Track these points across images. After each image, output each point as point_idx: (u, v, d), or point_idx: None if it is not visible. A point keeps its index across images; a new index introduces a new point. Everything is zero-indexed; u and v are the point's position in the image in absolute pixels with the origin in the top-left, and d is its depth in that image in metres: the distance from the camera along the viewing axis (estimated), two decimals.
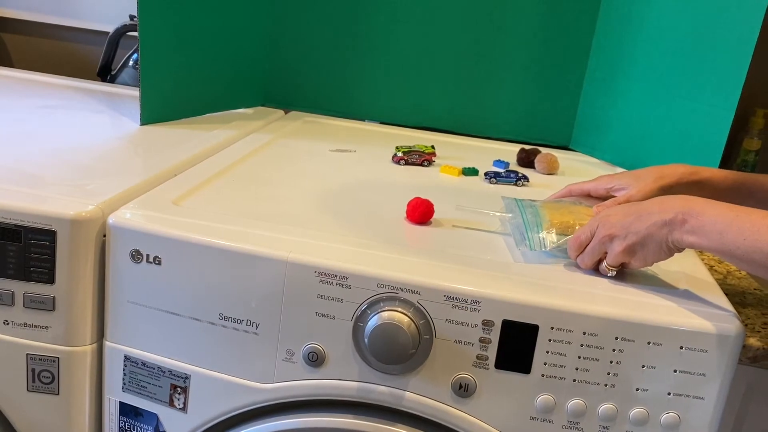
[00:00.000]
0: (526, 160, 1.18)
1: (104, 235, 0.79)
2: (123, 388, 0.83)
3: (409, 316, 0.71)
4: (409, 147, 1.13)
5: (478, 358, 0.72)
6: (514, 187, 1.06)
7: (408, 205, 0.86)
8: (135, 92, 1.27)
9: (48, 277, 0.78)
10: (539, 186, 1.08)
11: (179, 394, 0.80)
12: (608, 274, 0.76)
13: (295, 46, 1.35)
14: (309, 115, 1.38)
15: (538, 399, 0.72)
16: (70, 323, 0.80)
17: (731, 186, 0.85)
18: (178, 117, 1.22)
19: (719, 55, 1.06)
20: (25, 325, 0.80)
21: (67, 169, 0.90)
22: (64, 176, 0.87)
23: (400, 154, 1.11)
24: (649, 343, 0.70)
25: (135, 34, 1.22)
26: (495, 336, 0.71)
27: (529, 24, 1.28)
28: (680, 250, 0.71)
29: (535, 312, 0.70)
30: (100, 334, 0.82)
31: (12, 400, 0.83)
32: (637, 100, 1.19)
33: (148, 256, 0.77)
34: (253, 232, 0.78)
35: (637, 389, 0.71)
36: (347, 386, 0.75)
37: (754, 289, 0.90)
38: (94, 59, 1.57)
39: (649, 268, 0.79)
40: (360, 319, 0.73)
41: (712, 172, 0.85)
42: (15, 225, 0.77)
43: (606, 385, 0.71)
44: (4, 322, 0.80)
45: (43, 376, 0.82)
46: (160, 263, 0.77)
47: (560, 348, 0.71)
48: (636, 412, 0.71)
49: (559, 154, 1.23)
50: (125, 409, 0.83)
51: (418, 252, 0.77)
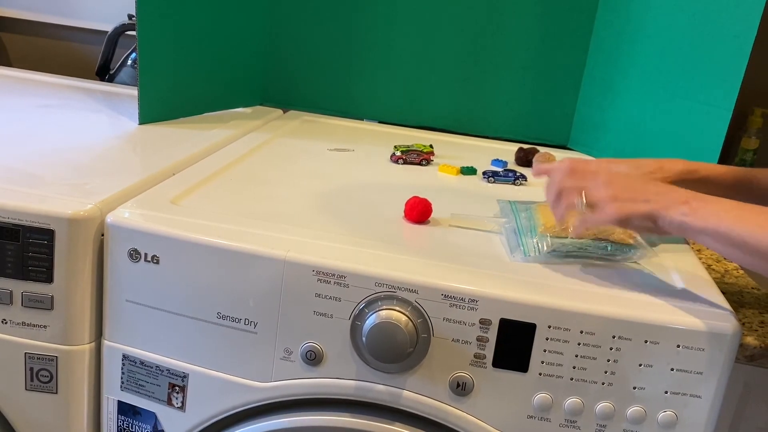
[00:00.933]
0: (525, 159, 1.18)
1: (102, 234, 0.79)
2: (121, 387, 0.83)
3: (406, 315, 0.71)
4: (408, 146, 1.13)
5: (475, 356, 0.72)
6: (512, 186, 1.06)
7: (406, 205, 0.87)
8: (133, 91, 1.27)
9: (46, 276, 0.78)
10: (537, 185, 1.08)
11: (177, 393, 0.80)
12: (580, 207, 0.74)
13: (294, 46, 1.35)
14: (307, 114, 1.38)
15: (536, 398, 0.72)
16: (69, 322, 0.80)
17: (731, 184, 0.85)
18: (177, 116, 1.22)
19: (717, 55, 1.06)
20: (24, 324, 0.80)
21: (66, 169, 0.90)
22: (62, 175, 0.88)
23: (398, 154, 1.11)
24: (646, 342, 0.70)
25: (133, 33, 1.22)
26: (492, 335, 0.71)
27: (528, 23, 1.28)
28: (666, 231, 0.71)
29: (533, 311, 0.70)
30: (99, 333, 0.82)
31: (10, 399, 0.83)
32: (635, 100, 1.20)
33: (146, 255, 0.77)
34: (251, 231, 0.78)
35: (635, 388, 0.71)
36: (345, 385, 0.75)
37: (752, 288, 0.90)
38: (93, 58, 1.57)
39: (645, 266, 0.80)
40: (358, 318, 0.73)
41: (711, 169, 0.86)
42: (13, 224, 0.77)
43: (603, 384, 0.71)
44: (3, 321, 0.80)
45: (42, 375, 0.82)
46: (158, 262, 0.77)
47: (557, 347, 0.71)
48: (633, 410, 0.71)
49: (558, 154, 1.23)
50: (123, 408, 0.83)
51: (416, 251, 0.78)
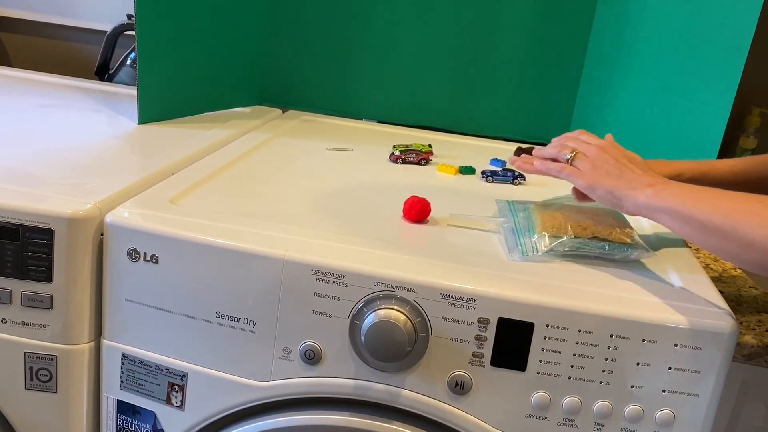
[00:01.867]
0: None
1: (102, 234, 0.79)
2: (121, 386, 0.83)
3: (405, 314, 0.72)
4: (407, 146, 1.13)
5: (474, 355, 0.72)
6: (511, 185, 1.07)
7: (405, 204, 0.87)
8: (132, 91, 1.27)
9: (45, 275, 0.79)
10: (535, 185, 1.08)
11: (177, 392, 0.81)
12: (564, 157, 0.82)
13: (293, 46, 1.36)
14: (306, 114, 1.38)
15: (534, 396, 0.72)
16: (68, 321, 0.80)
17: (742, 181, 0.86)
18: (176, 116, 1.22)
19: (715, 54, 1.06)
20: (23, 323, 0.80)
21: (65, 168, 0.90)
22: (61, 175, 0.88)
23: (397, 153, 1.12)
24: (643, 341, 0.70)
25: (132, 33, 1.22)
26: (491, 334, 0.72)
27: (526, 23, 1.28)
28: (629, 211, 0.75)
29: (531, 310, 0.71)
30: (98, 333, 0.83)
31: (10, 399, 0.84)
32: (634, 99, 1.20)
33: (145, 254, 0.78)
34: (250, 230, 0.78)
35: (632, 386, 0.71)
36: (344, 384, 0.76)
37: (750, 287, 0.91)
38: (92, 58, 1.57)
39: (643, 266, 0.80)
40: (356, 317, 0.73)
41: (720, 173, 0.86)
42: (12, 224, 0.78)
43: (601, 383, 0.72)
44: (2, 321, 0.81)
45: (41, 374, 0.82)
46: (157, 262, 0.77)
47: (555, 345, 0.71)
48: (631, 409, 0.72)
49: None
50: (123, 407, 0.84)
51: (415, 250, 0.78)
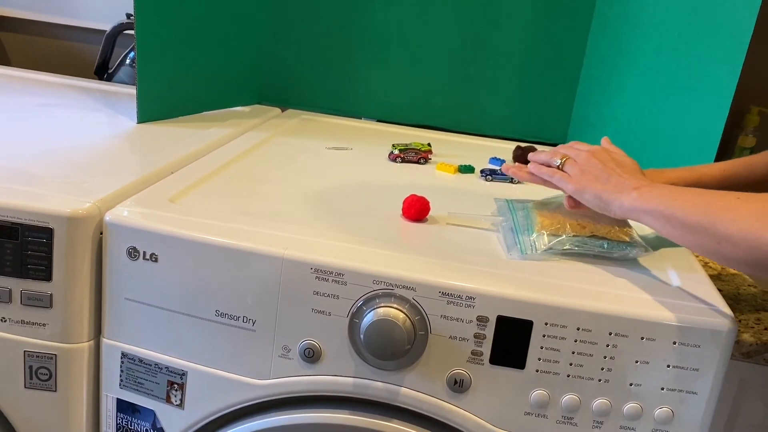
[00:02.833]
0: (522, 157, 1.18)
1: (101, 233, 0.79)
2: (120, 385, 0.83)
3: (404, 313, 0.72)
4: (406, 145, 1.13)
5: (472, 353, 0.73)
6: (510, 184, 1.07)
7: (404, 203, 0.87)
8: (132, 90, 1.27)
9: (45, 274, 0.79)
10: (534, 184, 1.08)
11: (176, 391, 0.81)
12: (555, 163, 0.83)
13: (292, 45, 1.36)
14: (305, 113, 1.38)
15: (533, 394, 0.73)
16: (68, 320, 0.80)
17: (733, 183, 0.86)
18: (175, 115, 1.22)
19: (714, 52, 1.06)
20: (23, 322, 0.81)
21: (64, 167, 0.90)
22: (61, 174, 0.88)
23: (396, 152, 1.12)
24: (642, 339, 0.70)
25: (132, 32, 1.22)
26: (490, 332, 0.72)
27: (525, 21, 1.28)
28: (615, 214, 0.75)
29: (530, 308, 0.71)
30: (98, 331, 0.83)
31: (9, 397, 0.84)
32: (632, 97, 1.20)
33: (144, 253, 0.78)
34: (249, 229, 0.78)
35: (631, 384, 0.71)
36: (343, 382, 0.76)
37: (748, 285, 0.91)
38: (91, 58, 1.57)
39: (642, 264, 0.80)
40: (356, 316, 0.73)
41: (711, 178, 0.87)
42: (12, 222, 0.78)
43: (600, 381, 0.72)
44: (2, 320, 0.81)
45: (41, 373, 0.82)
46: (156, 260, 0.78)
47: (554, 343, 0.71)
48: (630, 406, 0.72)
49: None
50: (122, 406, 0.84)
51: (414, 249, 0.78)
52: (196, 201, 0.85)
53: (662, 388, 0.71)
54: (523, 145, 1.21)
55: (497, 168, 1.10)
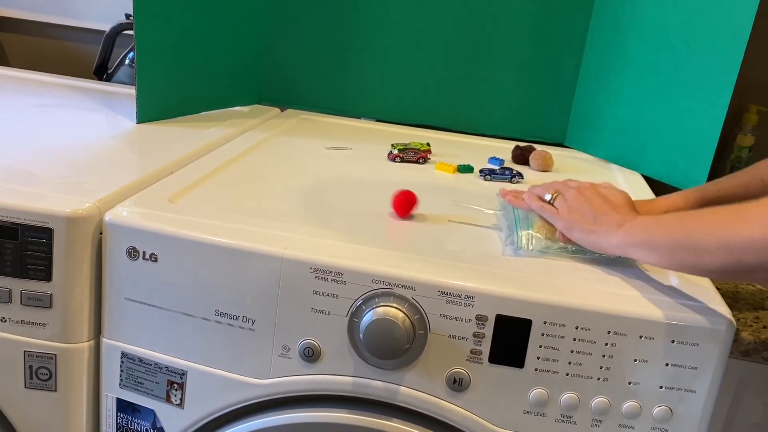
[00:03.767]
0: (521, 157, 1.18)
1: (101, 233, 0.80)
2: (120, 385, 0.83)
3: (403, 312, 0.72)
4: (405, 144, 1.13)
5: (472, 352, 0.73)
6: (509, 184, 1.07)
7: (393, 202, 0.86)
8: (131, 91, 1.27)
9: (45, 274, 0.79)
10: (534, 183, 1.08)
11: (176, 390, 0.81)
12: (547, 198, 0.84)
13: (291, 45, 1.36)
14: (305, 112, 1.38)
15: (532, 393, 0.73)
16: (68, 320, 0.80)
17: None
18: (174, 115, 1.22)
19: (712, 52, 1.06)
20: (23, 322, 0.81)
21: (64, 167, 0.91)
22: (60, 174, 0.88)
23: (395, 152, 1.12)
24: (641, 337, 0.70)
25: (131, 32, 1.22)
26: (489, 331, 0.72)
27: (524, 21, 1.28)
28: (607, 251, 0.76)
29: (528, 307, 0.71)
30: (98, 331, 0.83)
31: (10, 398, 0.84)
32: (631, 97, 1.20)
33: (144, 253, 0.78)
34: (248, 229, 0.78)
35: (630, 383, 0.72)
36: (343, 381, 0.76)
37: (747, 284, 0.91)
38: (91, 58, 1.57)
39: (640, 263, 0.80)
40: (355, 315, 0.73)
41: (707, 201, 0.88)
42: (12, 223, 0.78)
43: (599, 379, 0.72)
44: (2, 320, 0.81)
45: (41, 373, 0.82)
46: (156, 260, 0.78)
47: (553, 342, 0.71)
48: (628, 405, 0.72)
49: (554, 151, 1.23)
50: (122, 406, 0.84)
51: (413, 248, 0.78)
52: (195, 201, 0.86)
53: (661, 387, 0.71)
54: (522, 144, 1.21)
55: (496, 167, 1.10)
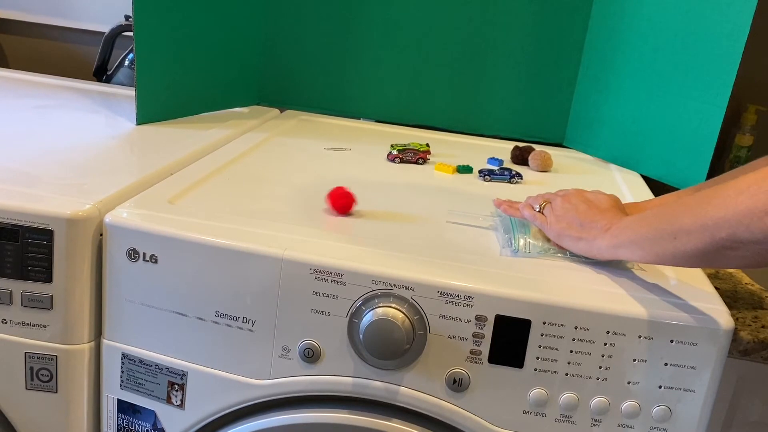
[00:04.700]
0: (521, 157, 1.18)
1: (101, 234, 0.80)
2: (121, 386, 0.83)
3: (403, 312, 0.72)
4: (404, 145, 1.13)
5: (471, 352, 0.73)
6: (508, 184, 1.07)
7: (329, 198, 0.87)
8: (131, 92, 1.27)
9: (45, 276, 0.79)
10: (533, 183, 1.09)
11: (177, 391, 0.81)
12: (536, 209, 0.84)
13: (290, 45, 1.36)
14: (304, 113, 1.38)
15: (531, 393, 0.73)
16: (68, 322, 0.80)
17: None
18: (174, 116, 1.22)
19: (711, 52, 1.07)
20: (23, 323, 0.81)
21: (64, 169, 0.91)
22: (60, 176, 0.88)
23: (395, 152, 1.12)
24: (640, 337, 0.70)
25: (130, 34, 1.22)
26: (488, 331, 0.72)
27: (523, 22, 1.29)
28: (598, 257, 0.76)
29: (528, 307, 0.71)
30: (98, 333, 0.83)
31: (11, 399, 0.84)
32: (630, 97, 1.20)
33: (144, 254, 0.78)
34: (248, 230, 0.78)
35: (629, 382, 0.72)
36: (343, 382, 0.76)
37: (746, 283, 0.91)
38: (90, 59, 1.57)
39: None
40: (355, 316, 0.74)
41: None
42: (12, 224, 0.78)
43: (598, 379, 0.72)
44: (2, 321, 0.81)
45: (42, 374, 0.82)
46: (156, 261, 0.78)
47: (552, 342, 0.72)
48: (628, 405, 0.72)
49: (553, 152, 1.23)
50: (123, 407, 0.84)
51: (412, 248, 0.78)
52: (195, 202, 0.86)
53: (660, 386, 0.71)
54: (522, 145, 1.22)
55: (495, 168, 1.11)
